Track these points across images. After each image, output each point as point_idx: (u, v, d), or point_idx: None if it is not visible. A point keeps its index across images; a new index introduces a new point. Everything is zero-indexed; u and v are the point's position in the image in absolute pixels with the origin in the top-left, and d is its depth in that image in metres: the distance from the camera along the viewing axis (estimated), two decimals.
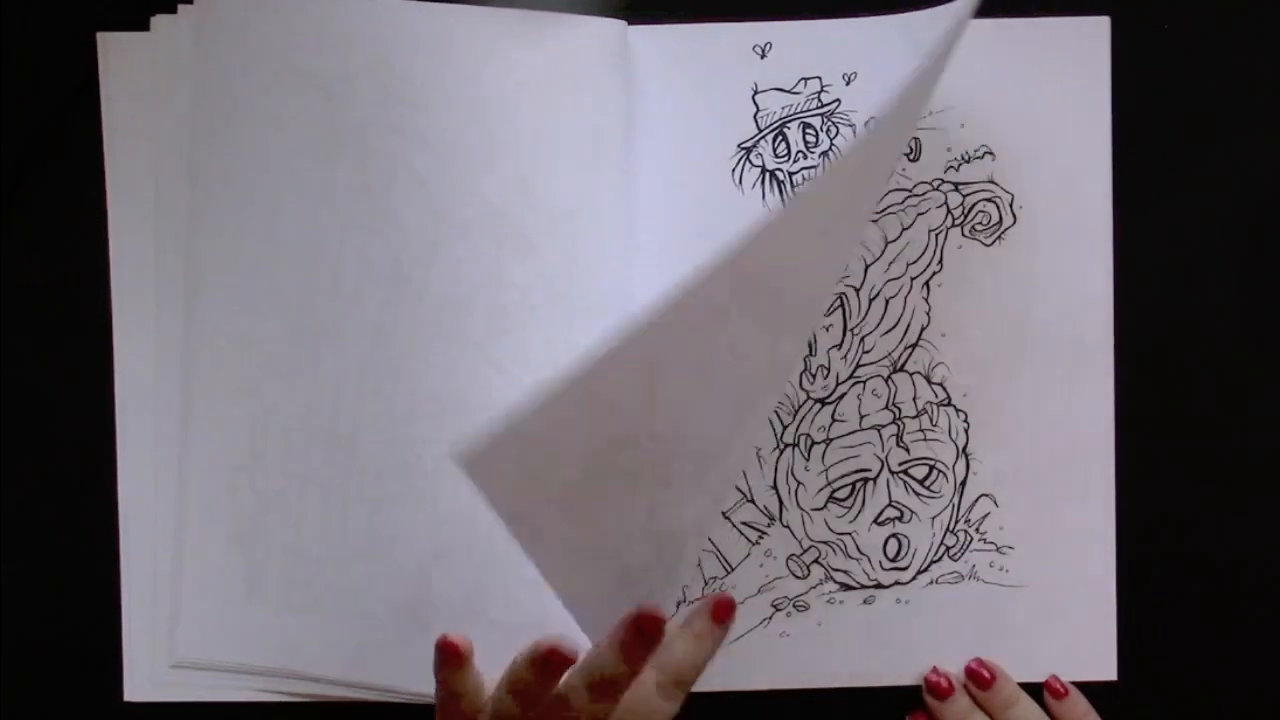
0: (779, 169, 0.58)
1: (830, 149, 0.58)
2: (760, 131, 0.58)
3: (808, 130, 0.58)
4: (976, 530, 0.59)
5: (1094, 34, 0.58)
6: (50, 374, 0.59)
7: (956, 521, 0.59)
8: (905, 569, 0.59)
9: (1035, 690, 0.58)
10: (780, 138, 0.58)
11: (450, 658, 0.49)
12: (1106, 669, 0.59)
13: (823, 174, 0.46)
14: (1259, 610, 0.60)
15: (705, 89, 0.58)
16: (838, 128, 0.58)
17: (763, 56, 0.58)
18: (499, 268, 0.57)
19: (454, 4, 0.57)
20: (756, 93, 0.58)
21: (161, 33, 0.58)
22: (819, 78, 0.58)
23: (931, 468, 0.59)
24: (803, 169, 0.58)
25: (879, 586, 0.59)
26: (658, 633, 0.47)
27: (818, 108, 0.58)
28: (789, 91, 0.58)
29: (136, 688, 0.59)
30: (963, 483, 0.59)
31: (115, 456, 0.59)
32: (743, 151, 0.58)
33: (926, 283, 0.59)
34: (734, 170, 0.58)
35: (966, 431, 0.59)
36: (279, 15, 0.57)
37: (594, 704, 0.49)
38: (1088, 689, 0.59)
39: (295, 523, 0.58)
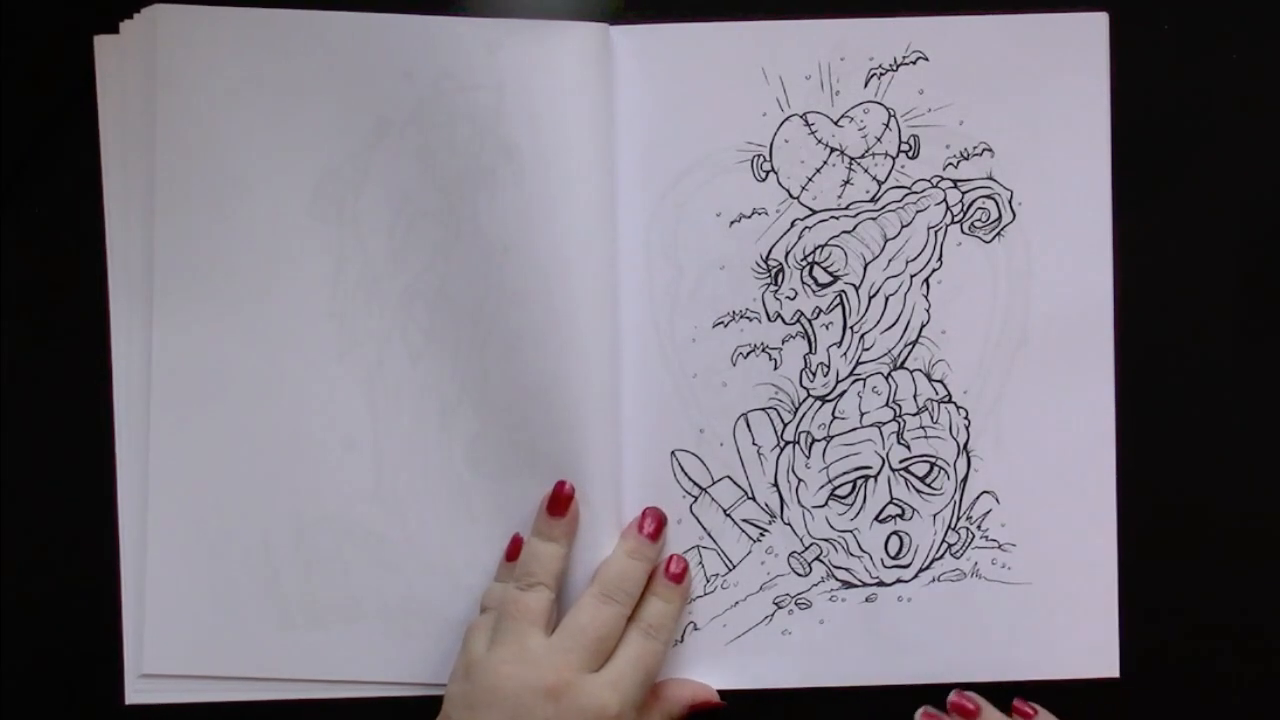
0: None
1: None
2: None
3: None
4: (978, 527, 0.59)
5: (1092, 30, 0.58)
6: (49, 373, 0.59)
7: (958, 519, 0.59)
8: (907, 567, 0.59)
9: (1040, 691, 0.58)
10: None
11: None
12: (1109, 666, 0.59)
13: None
14: (1262, 607, 0.59)
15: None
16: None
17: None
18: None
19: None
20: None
21: (134, 35, 0.58)
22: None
23: (933, 465, 0.59)
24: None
25: (881, 584, 0.59)
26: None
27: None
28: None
29: (136, 690, 0.59)
30: (964, 480, 0.59)
31: (114, 458, 0.58)
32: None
33: (926, 280, 0.59)
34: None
35: (967, 428, 0.59)
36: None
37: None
38: (1090, 686, 0.58)
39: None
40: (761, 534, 0.59)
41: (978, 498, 0.59)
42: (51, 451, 0.59)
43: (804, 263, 0.58)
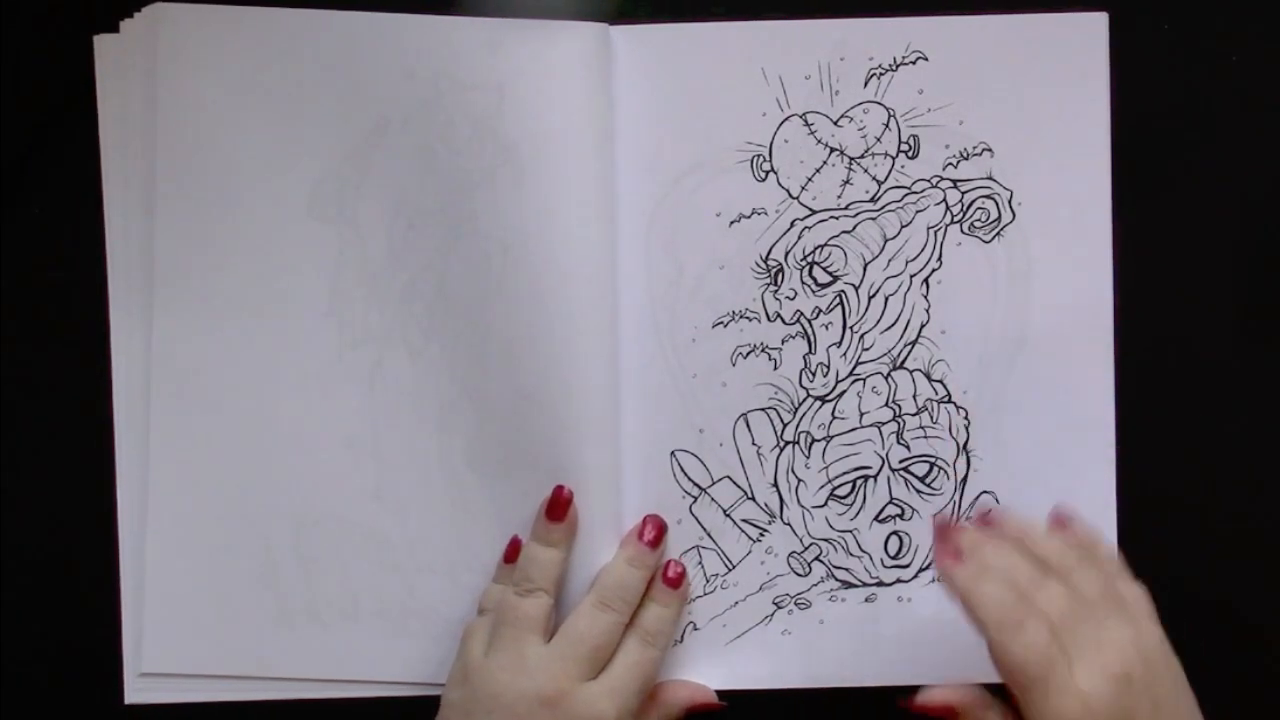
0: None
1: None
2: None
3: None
4: None
5: (1092, 30, 0.58)
6: (49, 373, 0.59)
7: (958, 519, 0.59)
8: (907, 567, 0.59)
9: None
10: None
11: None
12: None
13: None
14: (1262, 606, 0.59)
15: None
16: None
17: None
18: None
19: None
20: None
21: (135, 34, 0.58)
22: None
23: (932, 465, 0.59)
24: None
25: (880, 584, 0.59)
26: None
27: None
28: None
29: (136, 690, 0.59)
30: (964, 480, 0.59)
31: (114, 458, 0.58)
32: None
33: (926, 280, 0.59)
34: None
35: (967, 428, 0.59)
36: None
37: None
38: None
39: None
40: (761, 534, 0.59)
41: (977, 498, 0.59)
42: (52, 451, 0.59)
43: (804, 263, 0.58)
